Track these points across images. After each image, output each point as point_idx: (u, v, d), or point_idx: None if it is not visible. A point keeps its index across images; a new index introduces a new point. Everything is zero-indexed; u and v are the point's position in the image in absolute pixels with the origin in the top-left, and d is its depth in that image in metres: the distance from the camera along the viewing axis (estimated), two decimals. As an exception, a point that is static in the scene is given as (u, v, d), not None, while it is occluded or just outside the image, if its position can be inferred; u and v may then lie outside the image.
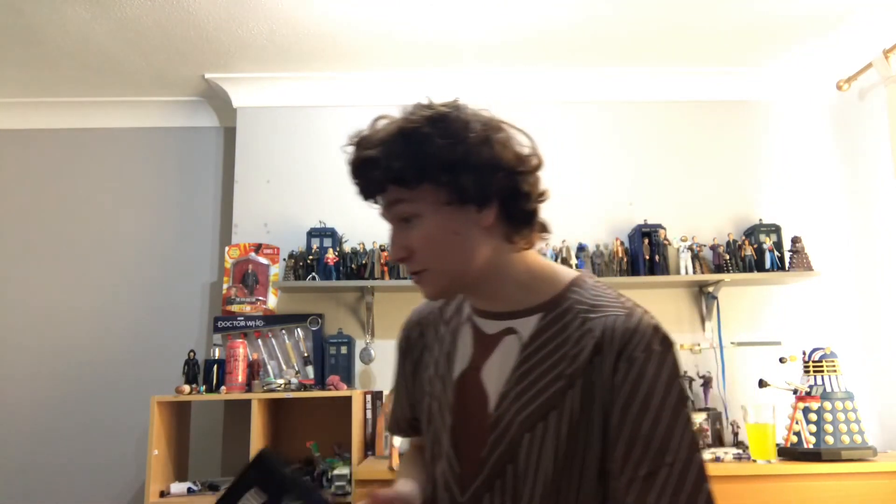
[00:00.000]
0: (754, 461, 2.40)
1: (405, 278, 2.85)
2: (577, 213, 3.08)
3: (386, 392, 2.81)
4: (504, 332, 0.94)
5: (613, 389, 0.85)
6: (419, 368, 1.06)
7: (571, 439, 0.86)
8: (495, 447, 0.89)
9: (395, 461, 2.38)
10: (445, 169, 0.87)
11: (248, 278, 2.96)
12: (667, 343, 0.87)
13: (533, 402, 0.88)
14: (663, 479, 0.81)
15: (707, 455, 2.48)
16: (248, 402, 2.54)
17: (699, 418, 2.75)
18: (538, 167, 0.94)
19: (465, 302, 1.02)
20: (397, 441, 2.42)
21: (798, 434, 2.43)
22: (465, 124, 0.89)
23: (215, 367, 2.74)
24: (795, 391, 2.52)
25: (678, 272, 2.88)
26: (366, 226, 2.99)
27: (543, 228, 0.96)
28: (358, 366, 2.94)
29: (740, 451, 2.54)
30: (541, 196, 0.94)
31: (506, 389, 0.90)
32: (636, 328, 0.87)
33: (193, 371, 2.75)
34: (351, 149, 0.92)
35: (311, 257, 2.87)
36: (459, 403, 0.95)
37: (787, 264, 2.89)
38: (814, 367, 2.53)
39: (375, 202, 0.94)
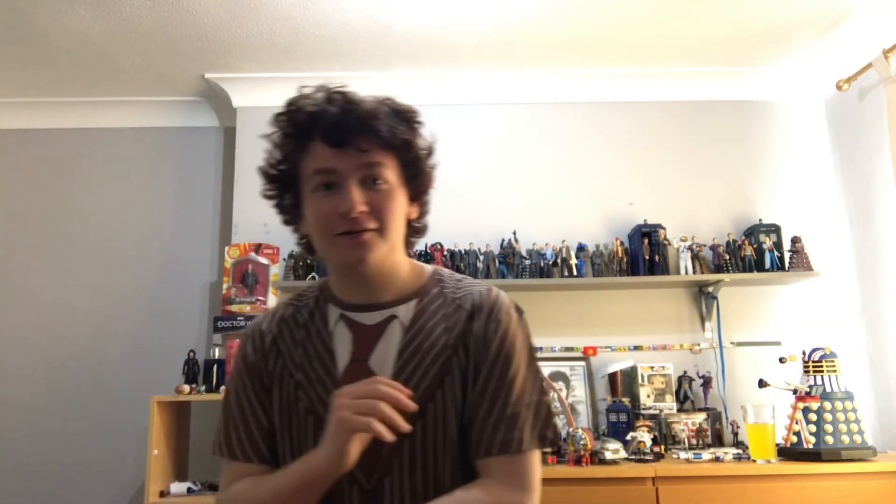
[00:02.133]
0: (754, 461, 2.40)
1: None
2: (577, 213, 3.08)
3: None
4: (387, 321, 1.02)
5: (486, 343, 0.99)
6: (273, 380, 1.03)
7: (464, 398, 0.99)
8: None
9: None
10: (418, 154, 1.01)
11: (248, 278, 2.96)
12: (520, 311, 1.07)
13: (426, 374, 0.97)
14: (524, 418, 0.97)
15: (707, 455, 2.48)
16: (248, 402, 2.54)
17: (699, 418, 2.76)
18: None
19: (327, 305, 1.06)
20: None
21: (798, 434, 2.43)
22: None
23: (215, 366, 2.74)
24: (795, 391, 2.52)
25: (678, 272, 2.88)
26: (366, 226, 2.99)
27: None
28: (358, 366, 2.94)
29: (740, 451, 2.54)
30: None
31: (396, 370, 0.98)
32: (497, 298, 1.04)
33: (193, 371, 2.75)
34: (341, 95, 0.96)
35: (311, 257, 2.87)
36: None
37: (786, 264, 2.89)
38: (814, 367, 2.53)
39: (344, 147, 0.94)
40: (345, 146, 0.95)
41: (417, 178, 1.02)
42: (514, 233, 2.96)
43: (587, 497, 2.28)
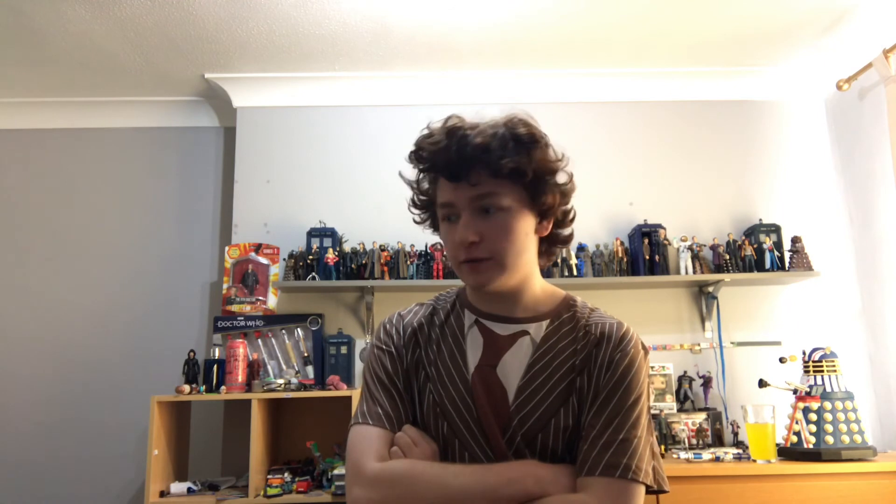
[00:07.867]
0: (754, 461, 2.40)
1: (405, 278, 2.85)
2: (578, 213, 3.07)
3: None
4: (518, 334, 1.08)
5: (610, 370, 1.03)
6: (409, 368, 1.11)
7: (579, 420, 1.03)
8: (518, 430, 1.01)
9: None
10: (545, 177, 1.05)
11: (248, 278, 2.96)
12: (646, 350, 1.10)
13: (552, 392, 1.03)
14: (634, 447, 0.99)
15: (707, 455, 2.48)
16: (248, 402, 2.54)
17: (699, 418, 2.76)
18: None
19: (463, 310, 1.14)
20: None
21: (798, 434, 2.43)
22: (556, 150, 1.09)
23: (215, 366, 2.74)
24: (795, 391, 2.52)
25: (678, 272, 2.88)
26: (366, 226, 3.00)
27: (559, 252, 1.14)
28: (358, 366, 2.94)
29: (740, 451, 2.54)
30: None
31: (522, 383, 1.04)
32: (627, 333, 1.09)
33: (193, 371, 2.75)
34: (458, 130, 1.03)
35: (310, 257, 2.87)
36: (478, 396, 1.05)
37: (787, 264, 2.89)
38: (814, 367, 2.53)
39: (459, 181, 1.02)
40: (459, 180, 1.02)
41: (541, 197, 1.06)
42: (514, 233, 2.95)
43: (587, 497, 2.27)
